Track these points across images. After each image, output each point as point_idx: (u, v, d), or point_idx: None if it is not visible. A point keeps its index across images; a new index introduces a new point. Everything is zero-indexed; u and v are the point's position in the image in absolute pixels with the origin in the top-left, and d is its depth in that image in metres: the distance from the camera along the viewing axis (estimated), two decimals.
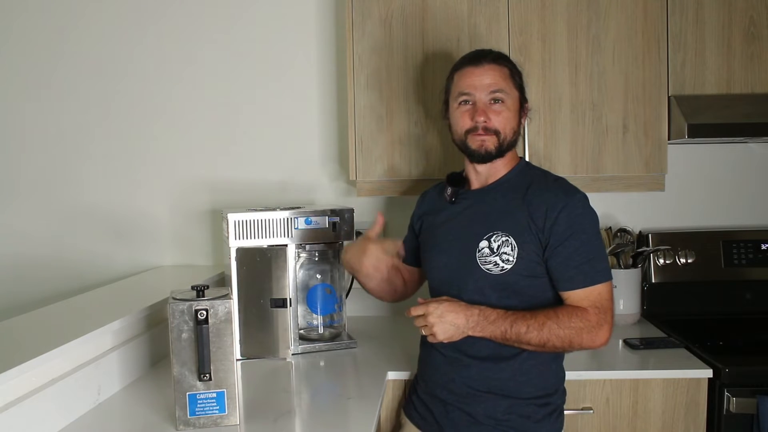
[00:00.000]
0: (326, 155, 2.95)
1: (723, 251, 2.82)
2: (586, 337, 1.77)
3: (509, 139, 1.92)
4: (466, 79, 1.93)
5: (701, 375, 2.19)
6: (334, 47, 2.90)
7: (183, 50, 2.94)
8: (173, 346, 1.68)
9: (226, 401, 1.72)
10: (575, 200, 1.83)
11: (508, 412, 1.86)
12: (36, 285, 2.99)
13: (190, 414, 1.70)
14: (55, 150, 3.01)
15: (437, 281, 2.01)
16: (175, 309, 1.68)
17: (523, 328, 1.76)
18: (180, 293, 1.76)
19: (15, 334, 1.87)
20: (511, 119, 1.92)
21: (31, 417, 1.61)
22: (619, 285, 2.65)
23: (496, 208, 1.90)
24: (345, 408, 1.91)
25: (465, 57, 1.99)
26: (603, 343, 1.79)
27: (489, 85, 1.90)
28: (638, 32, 2.48)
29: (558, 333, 1.75)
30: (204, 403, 1.71)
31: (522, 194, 1.88)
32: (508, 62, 1.95)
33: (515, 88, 1.93)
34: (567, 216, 1.80)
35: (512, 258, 1.83)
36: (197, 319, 1.68)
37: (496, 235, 1.85)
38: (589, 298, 1.79)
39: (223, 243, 2.56)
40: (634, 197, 2.88)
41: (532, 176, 1.93)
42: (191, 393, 1.70)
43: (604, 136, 2.49)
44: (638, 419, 2.21)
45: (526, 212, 1.84)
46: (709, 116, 2.44)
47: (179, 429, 1.70)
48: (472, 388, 1.89)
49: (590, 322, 1.77)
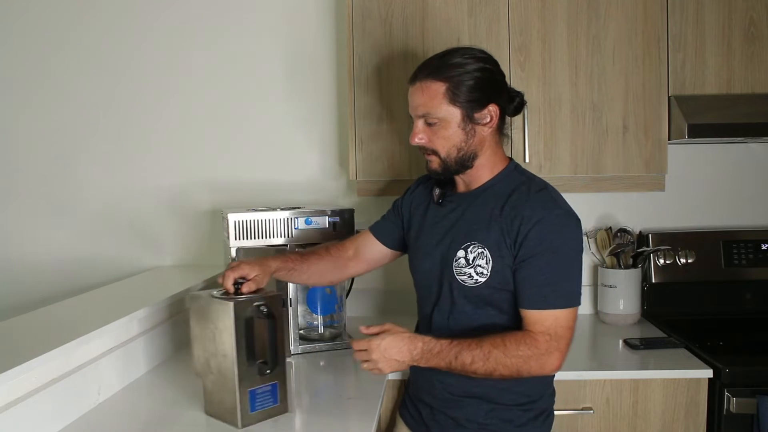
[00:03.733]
0: (326, 155, 2.94)
1: (723, 251, 2.81)
2: (534, 365, 1.70)
3: (455, 156, 1.82)
4: (408, 97, 1.87)
5: (701, 375, 2.19)
6: (334, 47, 2.90)
7: (183, 49, 2.94)
8: (237, 344, 1.69)
9: (279, 393, 1.78)
10: (551, 216, 1.74)
11: (490, 417, 1.84)
12: (33, 285, 2.98)
13: (251, 410, 1.73)
14: (54, 149, 3.00)
15: (420, 286, 1.99)
16: (235, 306, 1.70)
17: (467, 359, 1.69)
18: (218, 291, 1.80)
19: (14, 334, 1.86)
20: (452, 137, 1.80)
21: (30, 417, 1.61)
22: (619, 285, 2.68)
23: (476, 217, 1.83)
24: (345, 408, 1.91)
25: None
26: (553, 370, 1.73)
27: (416, 107, 1.83)
28: (638, 32, 2.47)
29: (504, 362, 1.69)
30: (262, 397, 1.75)
31: (502, 204, 1.79)
32: (447, 74, 1.78)
33: (453, 104, 1.77)
34: (539, 231, 1.72)
35: (486, 271, 1.78)
36: (261, 314, 1.72)
37: (473, 246, 1.80)
38: (544, 322, 1.71)
39: (223, 243, 2.55)
40: (634, 197, 2.88)
41: (516, 184, 1.83)
42: (252, 389, 1.73)
43: (604, 136, 2.49)
44: (638, 419, 2.21)
45: (501, 225, 1.77)
46: (709, 116, 2.43)
47: (243, 428, 1.72)
48: (453, 394, 1.87)
49: (539, 349, 1.69)
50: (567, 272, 1.74)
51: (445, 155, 1.83)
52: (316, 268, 2.10)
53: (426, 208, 2.00)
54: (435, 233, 1.91)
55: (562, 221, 1.75)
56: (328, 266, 2.13)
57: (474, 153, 1.83)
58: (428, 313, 1.93)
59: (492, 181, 1.87)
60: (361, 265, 2.18)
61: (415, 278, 2.01)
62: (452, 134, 1.80)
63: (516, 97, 1.90)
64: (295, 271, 2.04)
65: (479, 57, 1.82)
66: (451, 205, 1.92)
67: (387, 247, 2.14)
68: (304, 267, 2.06)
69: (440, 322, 1.88)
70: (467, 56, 1.80)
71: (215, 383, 1.77)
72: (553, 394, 1.93)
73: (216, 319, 1.73)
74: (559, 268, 1.73)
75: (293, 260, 2.05)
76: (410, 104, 1.85)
